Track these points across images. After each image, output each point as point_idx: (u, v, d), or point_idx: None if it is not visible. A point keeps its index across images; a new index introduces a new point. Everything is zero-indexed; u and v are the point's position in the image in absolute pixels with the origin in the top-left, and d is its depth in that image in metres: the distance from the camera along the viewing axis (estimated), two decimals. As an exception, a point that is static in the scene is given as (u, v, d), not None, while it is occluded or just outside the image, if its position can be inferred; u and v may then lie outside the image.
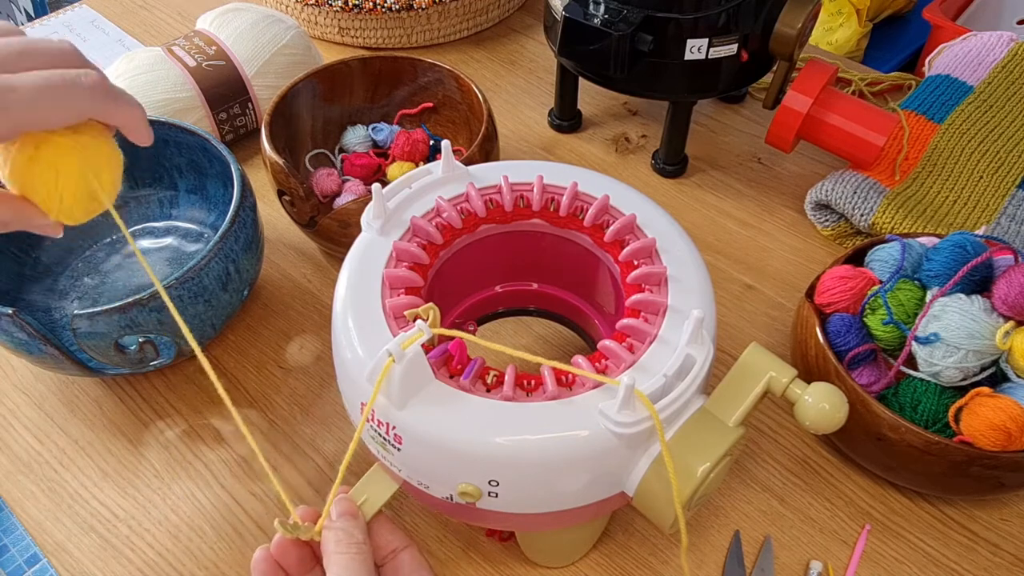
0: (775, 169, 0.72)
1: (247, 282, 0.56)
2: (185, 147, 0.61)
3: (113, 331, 0.49)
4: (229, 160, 0.57)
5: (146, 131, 0.39)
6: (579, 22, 0.59)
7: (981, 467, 0.45)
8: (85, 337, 0.49)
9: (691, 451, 0.37)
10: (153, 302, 0.49)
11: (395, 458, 0.40)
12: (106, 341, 0.50)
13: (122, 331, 0.50)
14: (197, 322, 0.53)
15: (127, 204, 0.64)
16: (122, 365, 0.52)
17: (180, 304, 0.51)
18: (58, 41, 0.36)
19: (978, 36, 0.74)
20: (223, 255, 0.53)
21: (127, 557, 0.50)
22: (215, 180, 0.63)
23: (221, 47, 0.70)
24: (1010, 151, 0.65)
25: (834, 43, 1.22)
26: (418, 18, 0.81)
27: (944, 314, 0.46)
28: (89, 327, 0.49)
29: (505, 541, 0.49)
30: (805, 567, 0.49)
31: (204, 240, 0.64)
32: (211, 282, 0.52)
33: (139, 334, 0.50)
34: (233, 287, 0.54)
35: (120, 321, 0.49)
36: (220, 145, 0.58)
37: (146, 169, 0.64)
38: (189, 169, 0.63)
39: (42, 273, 0.62)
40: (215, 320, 0.55)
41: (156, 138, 0.57)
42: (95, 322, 0.49)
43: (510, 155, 0.73)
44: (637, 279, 0.43)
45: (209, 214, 0.65)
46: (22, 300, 0.59)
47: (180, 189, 0.65)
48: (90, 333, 0.49)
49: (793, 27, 0.59)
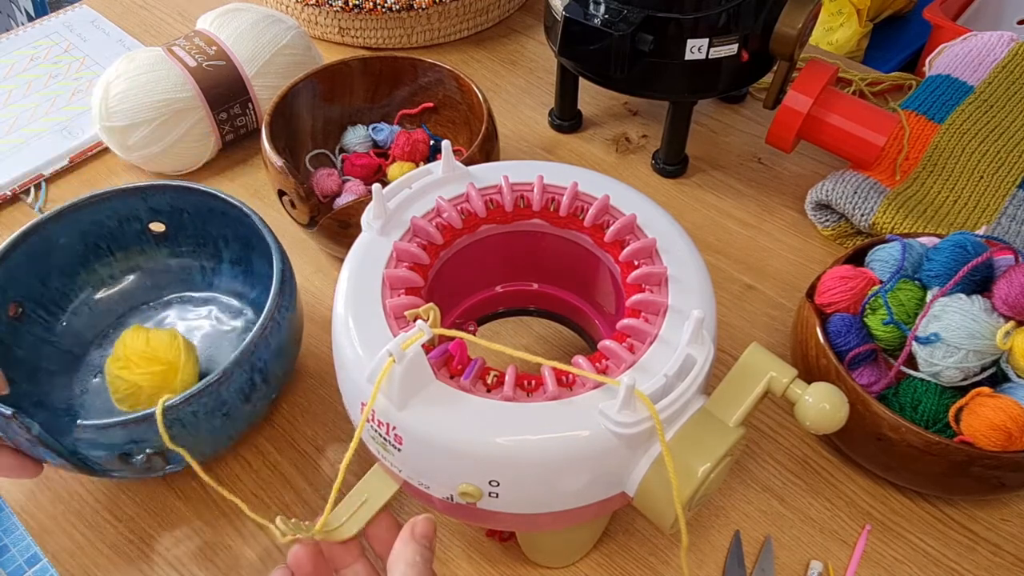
0: (775, 169, 0.72)
1: (276, 388, 0.51)
2: (232, 219, 0.56)
3: (117, 446, 0.45)
4: (273, 249, 0.51)
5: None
6: (579, 22, 0.58)
7: (982, 467, 0.45)
8: (89, 447, 0.45)
9: (691, 451, 0.37)
10: (163, 419, 0.45)
11: (395, 458, 0.40)
12: (111, 454, 0.46)
13: (128, 445, 0.45)
14: (211, 437, 0.48)
15: (169, 269, 0.61)
16: (129, 473, 0.48)
17: (194, 420, 0.46)
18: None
19: (978, 36, 0.74)
20: (248, 365, 0.47)
21: (128, 556, 0.50)
22: (261, 256, 0.57)
23: (221, 47, 0.70)
24: (1010, 151, 0.65)
25: (834, 43, 1.22)
26: (418, 18, 0.81)
27: (944, 314, 0.46)
28: (93, 440, 0.45)
29: (505, 541, 0.49)
30: (805, 567, 0.49)
31: (243, 317, 0.59)
32: (231, 396, 0.47)
33: (147, 447, 0.46)
34: (258, 396, 0.49)
35: (126, 436, 0.45)
36: (265, 230, 0.53)
37: (191, 235, 0.59)
38: (235, 240, 0.59)
39: (66, 366, 0.57)
40: (233, 432, 0.49)
41: (202, 207, 0.58)
42: (99, 435, 0.45)
43: (510, 155, 0.73)
44: (637, 279, 0.43)
45: (251, 289, 0.60)
46: (41, 395, 0.54)
47: (224, 259, 0.60)
48: (94, 444, 0.45)
49: (793, 27, 0.59)
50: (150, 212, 0.58)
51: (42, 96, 0.79)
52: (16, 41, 0.85)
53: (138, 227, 0.59)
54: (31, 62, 0.83)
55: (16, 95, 0.79)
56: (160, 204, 0.58)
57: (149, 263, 0.60)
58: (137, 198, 0.57)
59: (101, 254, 0.59)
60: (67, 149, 0.73)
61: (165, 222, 0.59)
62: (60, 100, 0.78)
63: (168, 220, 0.59)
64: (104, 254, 0.59)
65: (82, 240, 0.57)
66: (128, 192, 0.57)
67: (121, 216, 0.58)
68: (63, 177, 0.73)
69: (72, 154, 0.73)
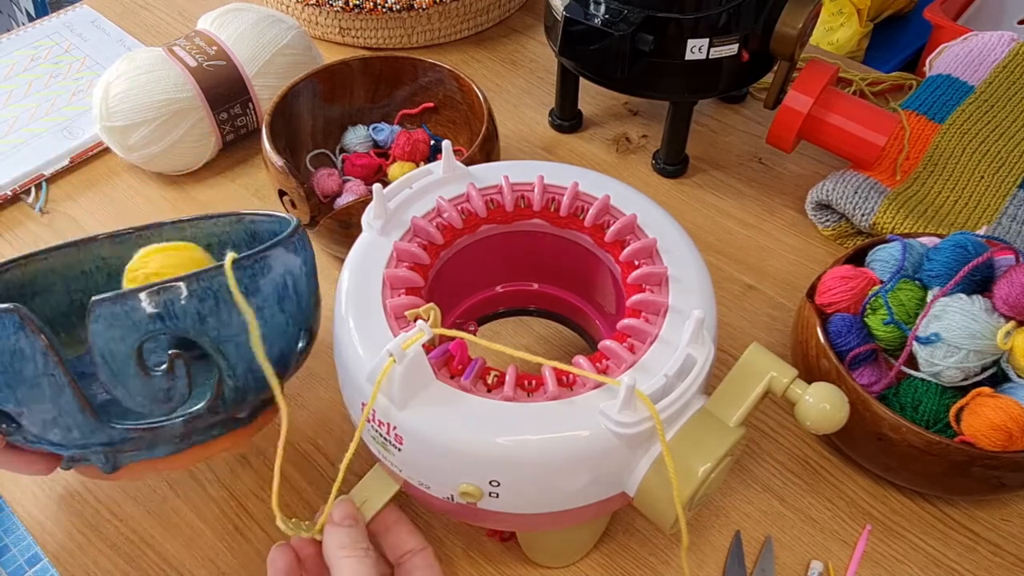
0: (776, 169, 0.72)
1: (310, 332, 0.45)
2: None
3: (139, 329, 0.37)
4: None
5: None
6: (580, 22, 0.58)
7: (982, 467, 0.45)
8: (102, 341, 0.37)
9: (692, 451, 0.37)
10: (196, 283, 0.37)
11: (396, 458, 0.40)
12: (127, 346, 0.37)
13: (151, 332, 0.37)
14: (278, 334, 0.41)
15: None
16: (142, 399, 0.39)
17: (228, 299, 0.38)
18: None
19: (979, 36, 0.74)
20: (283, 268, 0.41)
21: (128, 556, 0.50)
22: None
23: (222, 47, 0.70)
24: (1011, 151, 0.65)
25: (835, 43, 1.22)
26: (419, 18, 0.81)
27: (945, 314, 0.46)
28: (108, 320, 0.36)
29: (506, 541, 0.49)
30: (806, 567, 0.49)
31: None
32: (289, 292, 0.41)
33: (173, 344, 0.38)
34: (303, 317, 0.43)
35: (151, 303, 0.36)
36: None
37: None
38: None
39: None
40: (298, 330, 0.43)
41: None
42: (117, 307, 0.36)
43: (511, 155, 0.73)
44: (638, 279, 0.43)
45: None
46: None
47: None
48: (108, 330, 0.37)
49: (794, 27, 0.59)
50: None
51: (43, 96, 0.79)
52: (17, 41, 0.85)
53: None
54: (32, 62, 0.83)
55: (17, 95, 0.79)
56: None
57: None
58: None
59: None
60: (67, 149, 0.73)
61: None
62: (60, 100, 0.78)
63: None
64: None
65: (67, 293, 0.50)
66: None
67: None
68: (64, 177, 0.73)
69: (73, 154, 0.73)
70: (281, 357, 0.42)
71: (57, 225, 0.69)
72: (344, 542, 0.38)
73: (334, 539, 0.39)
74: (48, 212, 0.70)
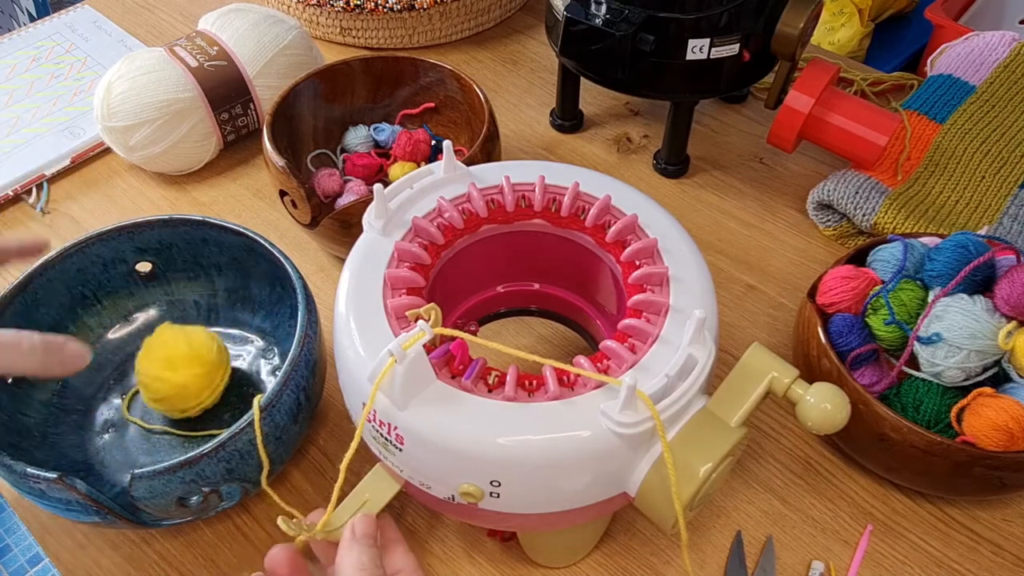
0: (777, 169, 0.72)
1: (314, 405, 0.51)
2: (226, 245, 0.56)
3: (175, 489, 0.44)
4: (289, 270, 0.51)
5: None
6: (581, 22, 0.58)
7: (983, 467, 0.45)
8: (145, 498, 0.43)
9: (693, 451, 0.37)
10: (222, 451, 0.44)
11: (397, 458, 0.40)
12: (167, 499, 0.44)
13: (187, 487, 0.44)
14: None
15: (160, 311, 0.58)
16: (182, 517, 0.47)
17: (251, 448, 0.45)
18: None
19: (980, 36, 0.74)
20: (293, 385, 0.47)
21: (128, 556, 0.50)
22: (259, 280, 0.57)
23: (223, 47, 0.70)
24: (1012, 151, 0.65)
25: (836, 43, 1.22)
26: (420, 18, 0.81)
27: (946, 314, 0.46)
28: (149, 489, 0.43)
29: (507, 541, 0.49)
30: (807, 567, 0.49)
31: (252, 345, 0.58)
32: (283, 417, 0.46)
33: (205, 486, 0.44)
34: (303, 417, 0.49)
35: (185, 476, 0.43)
36: (269, 245, 0.52)
37: (181, 270, 0.58)
38: (229, 267, 0.57)
39: (75, 426, 0.54)
40: (284, 455, 0.49)
41: (193, 238, 0.56)
42: (156, 482, 0.43)
43: (512, 155, 0.73)
44: (639, 279, 0.43)
45: (253, 315, 0.58)
46: (57, 459, 0.51)
47: (219, 290, 0.59)
48: (150, 494, 0.43)
49: (795, 27, 0.58)
50: (136, 252, 0.56)
51: (44, 96, 0.79)
52: (18, 41, 0.85)
53: (124, 269, 0.56)
54: (33, 62, 0.83)
55: (18, 95, 0.79)
56: (148, 242, 0.56)
57: (139, 306, 0.58)
58: (124, 238, 0.55)
59: (88, 304, 0.56)
60: (69, 149, 0.73)
61: (152, 260, 0.57)
62: (62, 100, 0.78)
63: (156, 258, 0.57)
64: (91, 303, 0.56)
65: (68, 291, 0.55)
66: (113, 233, 0.54)
67: (106, 260, 0.55)
68: (65, 177, 0.73)
69: (74, 154, 0.73)
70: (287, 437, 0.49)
71: (58, 225, 0.69)
72: (364, 562, 0.37)
73: (353, 555, 0.38)
74: (49, 212, 0.70)
